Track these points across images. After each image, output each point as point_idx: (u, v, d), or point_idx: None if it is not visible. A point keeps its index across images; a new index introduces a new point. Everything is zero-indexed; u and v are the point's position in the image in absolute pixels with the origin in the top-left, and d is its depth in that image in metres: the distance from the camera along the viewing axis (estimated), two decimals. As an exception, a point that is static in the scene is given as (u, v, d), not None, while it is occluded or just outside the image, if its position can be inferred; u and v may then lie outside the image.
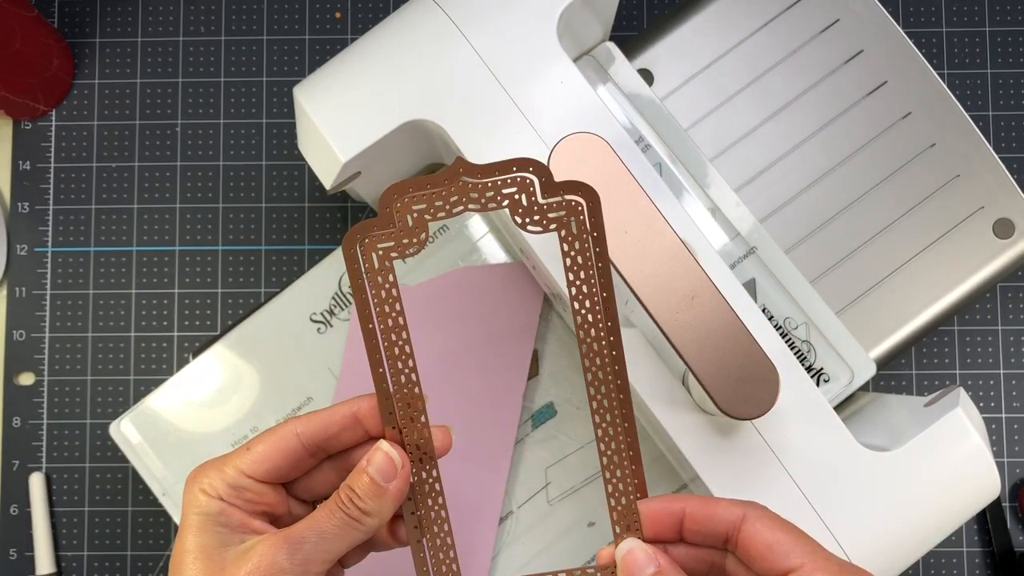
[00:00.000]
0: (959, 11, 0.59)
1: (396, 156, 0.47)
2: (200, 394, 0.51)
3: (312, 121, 0.43)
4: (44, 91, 0.58)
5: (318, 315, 0.51)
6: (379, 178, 0.48)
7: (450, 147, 0.44)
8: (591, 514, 0.50)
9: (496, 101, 0.43)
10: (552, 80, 0.43)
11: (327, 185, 0.44)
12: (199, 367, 0.51)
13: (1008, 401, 0.57)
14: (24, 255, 0.59)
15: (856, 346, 0.48)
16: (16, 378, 0.58)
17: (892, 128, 0.51)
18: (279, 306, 0.51)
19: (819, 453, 0.42)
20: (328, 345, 0.51)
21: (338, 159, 0.43)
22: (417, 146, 0.47)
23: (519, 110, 0.43)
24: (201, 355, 0.51)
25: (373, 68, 0.44)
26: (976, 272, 0.51)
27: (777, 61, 0.52)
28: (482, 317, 0.49)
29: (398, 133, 0.43)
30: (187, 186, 0.59)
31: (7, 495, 0.57)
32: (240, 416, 0.50)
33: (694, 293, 0.39)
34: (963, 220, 0.51)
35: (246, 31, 0.60)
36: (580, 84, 0.43)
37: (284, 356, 0.51)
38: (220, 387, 0.51)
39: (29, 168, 0.59)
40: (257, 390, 0.50)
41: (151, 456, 0.50)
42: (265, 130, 0.59)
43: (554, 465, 0.50)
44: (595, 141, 0.39)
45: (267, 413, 0.50)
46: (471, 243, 0.51)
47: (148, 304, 0.58)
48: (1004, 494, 0.57)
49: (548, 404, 0.50)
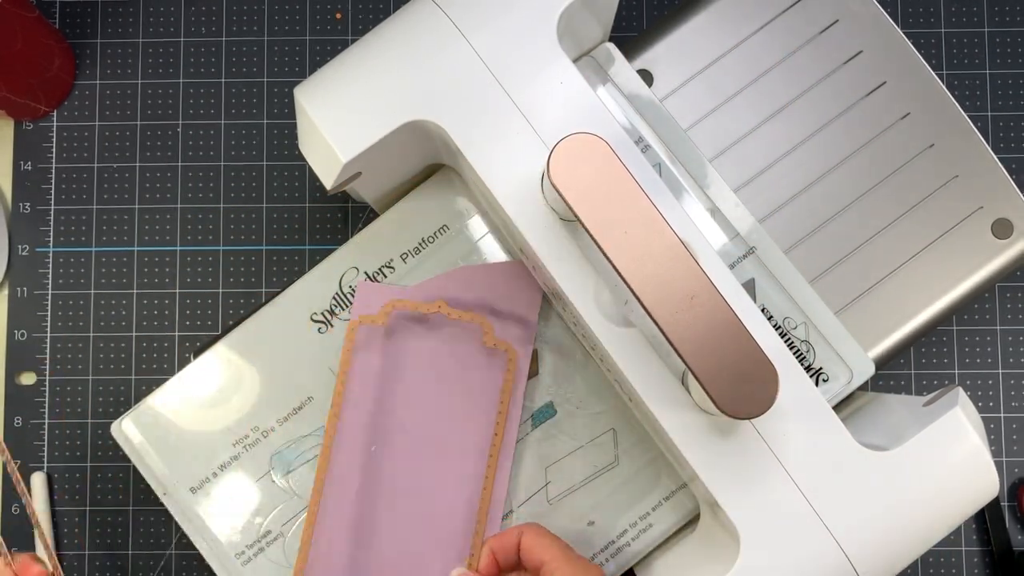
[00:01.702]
0: (958, 12, 0.59)
1: (397, 157, 0.47)
2: (201, 394, 0.51)
3: (312, 122, 0.43)
4: (45, 91, 0.58)
5: (319, 315, 0.51)
6: (380, 178, 0.48)
7: (450, 147, 0.44)
8: (591, 513, 0.50)
9: (496, 102, 0.43)
10: (552, 81, 0.43)
11: (328, 186, 0.44)
12: (200, 367, 0.51)
13: (1007, 401, 0.57)
14: (25, 255, 0.59)
15: (855, 346, 0.49)
16: (17, 378, 0.58)
17: (891, 128, 0.51)
18: (280, 306, 0.51)
19: (818, 452, 0.42)
20: (329, 345, 0.51)
21: (339, 159, 0.43)
22: (418, 147, 0.47)
23: (519, 111, 0.43)
24: (202, 355, 0.51)
25: (373, 69, 0.44)
26: (975, 272, 0.51)
27: (776, 62, 0.52)
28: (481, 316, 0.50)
29: (399, 133, 0.43)
30: (188, 186, 0.59)
31: (8, 495, 0.57)
32: (241, 416, 0.50)
33: (693, 293, 0.39)
34: (962, 220, 0.51)
35: (247, 32, 0.60)
36: (580, 85, 0.43)
37: (285, 356, 0.51)
38: (221, 387, 0.51)
39: (30, 168, 0.59)
40: (258, 390, 0.51)
41: (152, 455, 0.50)
42: (266, 130, 0.59)
43: (554, 464, 0.50)
44: (595, 142, 0.39)
45: (268, 413, 0.50)
46: (471, 243, 0.51)
47: (149, 304, 0.58)
48: (1003, 493, 0.57)
49: (548, 404, 0.50)
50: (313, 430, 0.50)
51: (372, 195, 0.50)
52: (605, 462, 0.50)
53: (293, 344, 0.51)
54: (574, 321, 0.48)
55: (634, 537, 0.50)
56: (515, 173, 0.43)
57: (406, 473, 0.50)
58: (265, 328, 0.51)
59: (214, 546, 0.50)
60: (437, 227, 0.51)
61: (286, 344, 0.51)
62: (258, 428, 0.50)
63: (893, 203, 0.51)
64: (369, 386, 0.50)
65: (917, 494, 0.42)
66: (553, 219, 0.43)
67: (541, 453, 0.50)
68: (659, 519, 0.50)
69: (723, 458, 0.42)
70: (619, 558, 0.50)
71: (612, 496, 0.50)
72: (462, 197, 0.51)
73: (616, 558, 0.50)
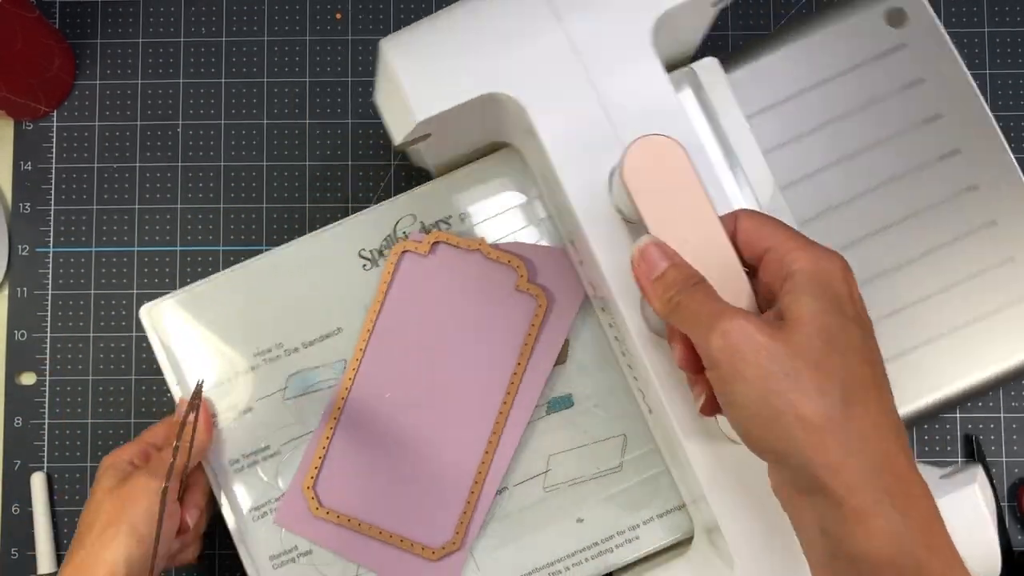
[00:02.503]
0: (958, 12, 0.59)
1: (468, 127, 0.47)
2: (236, 299, 0.51)
3: (395, 75, 0.43)
4: (45, 92, 0.58)
5: (367, 252, 0.51)
6: (445, 145, 0.48)
7: (523, 127, 0.44)
8: (582, 511, 0.50)
9: (579, 90, 0.43)
10: (639, 79, 0.43)
11: (396, 141, 0.44)
12: (240, 274, 0.51)
13: (1007, 401, 0.57)
14: (26, 255, 0.59)
15: None
16: (18, 378, 0.58)
17: (958, 196, 0.51)
18: (332, 234, 0.51)
19: None
20: (369, 283, 0.51)
21: (414, 117, 0.42)
22: (490, 121, 0.46)
23: (600, 103, 0.43)
24: (246, 263, 0.51)
25: (464, 35, 0.43)
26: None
27: (856, 107, 0.51)
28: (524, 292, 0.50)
29: (477, 103, 0.43)
30: (188, 187, 0.59)
31: (8, 494, 0.57)
32: (269, 330, 0.51)
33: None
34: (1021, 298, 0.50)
35: (247, 32, 0.60)
36: (666, 89, 0.43)
37: (325, 283, 0.51)
38: (257, 297, 0.51)
39: (30, 168, 0.59)
40: (291, 309, 0.51)
41: (175, 345, 0.50)
42: (266, 130, 0.59)
43: (558, 454, 0.50)
44: (672, 146, 0.38)
45: (296, 334, 0.51)
46: (526, 223, 0.51)
47: (149, 304, 0.58)
48: (1003, 493, 0.57)
49: (567, 395, 0.50)
50: (335, 360, 0.51)
51: (433, 160, 0.50)
52: (609, 465, 0.50)
53: (335, 274, 0.51)
54: (612, 322, 0.48)
55: (619, 544, 0.49)
56: (585, 165, 0.43)
57: (416, 420, 0.50)
58: (313, 252, 0.51)
59: (211, 450, 0.50)
60: (497, 197, 0.51)
61: (329, 272, 0.51)
62: (282, 346, 0.51)
63: (956, 266, 0.50)
64: (399, 320, 0.50)
65: None
66: (615, 218, 0.42)
67: (548, 440, 0.50)
68: (647, 533, 0.49)
69: (733, 486, 0.42)
70: (598, 561, 0.49)
71: (607, 500, 0.50)
72: (524, 178, 0.51)
73: (595, 560, 0.49)
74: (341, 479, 0.50)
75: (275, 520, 0.50)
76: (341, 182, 0.59)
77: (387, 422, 0.50)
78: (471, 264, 0.51)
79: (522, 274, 0.50)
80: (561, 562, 0.49)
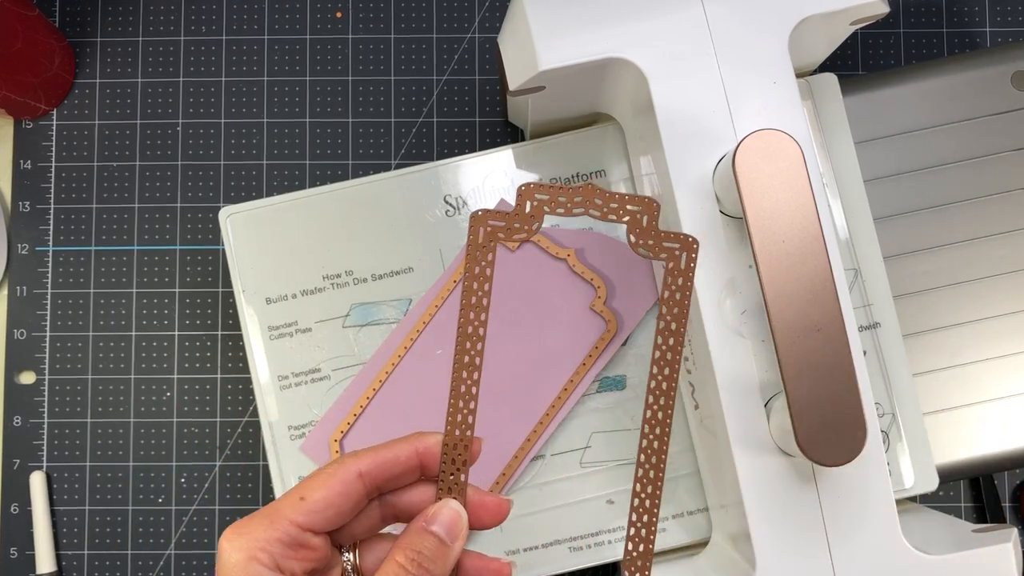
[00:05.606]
0: (959, 12, 0.59)
1: (580, 88, 0.46)
2: (314, 221, 0.51)
3: (527, 20, 0.42)
4: (45, 90, 0.58)
5: (452, 198, 0.51)
6: (554, 102, 0.48)
7: (638, 100, 0.44)
8: (614, 493, 0.50)
9: (706, 73, 0.42)
10: (767, 76, 0.42)
11: (512, 86, 0.44)
12: (325, 196, 0.51)
13: (1008, 401, 0.57)
14: (25, 254, 0.59)
15: (929, 457, 0.47)
16: (17, 377, 0.58)
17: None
18: (419, 175, 0.52)
19: (864, 532, 0.41)
20: (450, 229, 0.51)
21: (536, 64, 0.42)
22: (607, 86, 0.46)
23: (724, 91, 0.42)
24: (333, 185, 0.51)
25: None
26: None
27: (964, 157, 0.51)
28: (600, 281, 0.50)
29: (600, 65, 0.43)
30: (188, 185, 0.59)
31: (8, 494, 0.57)
32: (341, 256, 0.51)
33: (821, 325, 0.38)
34: None
35: (247, 31, 0.60)
36: (793, 94, 0.42)
37: (406, 220, 0.51)
38: (335, 222, 0.51)
39: (30, 167, 0.59)
40: (367, 240, 0.51)
41: (247, 253, 0.51)
42: (266, 130, 0.59)
43: (600, 434, 0.50)
44: (789, 143, 0.38)
45: (367, 264, 0.51)
46: None
47: (149, 303, 0.58)
48: (1005, 494, 0.57)
49: (621, 376, 0.50)
50: (400, 298, 0.51)
51: (534, 116, 0.50)
52: None
53: (417, 213, 0.51)
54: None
55: None
56: (694, 149, 0.42)
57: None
58: (397, 188, 0.52)
59: (262, 361, 0.50)
60: (595, 170, 0.51)
61: (411, 210, 0.51)
62: (352, 273, 0.51)
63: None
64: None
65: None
66: (712, 207, 0.42)
67: (595, 418, 0.50)
68: (664, 530, 0.50)
69: (773, 499, 0.41)
70: (618, 546, 0.50)
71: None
72: (621, 157, 0.51)
73: (616, 544, 0.50)
74: (372, 440, 0.49)
75: (301, 447, 0.50)
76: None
77: (433, 383, 0.50)
78: (555, 272, 0.51)
79: (600, 295, 0.50)
80: (583, 539, 0.50)
